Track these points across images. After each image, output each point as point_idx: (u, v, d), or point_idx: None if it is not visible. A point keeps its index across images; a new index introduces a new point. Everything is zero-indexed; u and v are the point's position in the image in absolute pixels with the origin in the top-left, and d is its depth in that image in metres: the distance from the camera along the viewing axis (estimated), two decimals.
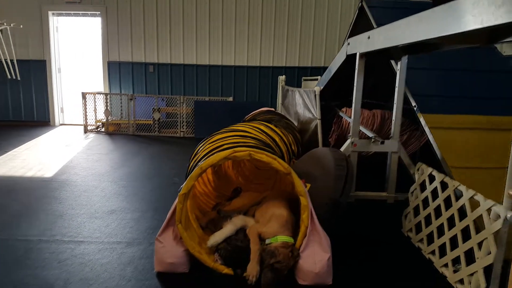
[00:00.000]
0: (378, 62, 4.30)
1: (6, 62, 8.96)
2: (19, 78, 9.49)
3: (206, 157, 3.25)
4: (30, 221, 3.85)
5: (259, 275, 2.74)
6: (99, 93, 9.76)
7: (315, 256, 2.82)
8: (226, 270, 2.89)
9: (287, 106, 7.18)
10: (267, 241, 2.93)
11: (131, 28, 10.13)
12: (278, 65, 10.27)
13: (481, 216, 2.64)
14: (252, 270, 2.74)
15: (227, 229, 3.10)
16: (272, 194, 3.55)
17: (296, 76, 10.21)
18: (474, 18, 1.91)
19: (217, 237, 3.03)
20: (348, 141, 3.96)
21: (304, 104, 5.77)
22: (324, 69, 9.13)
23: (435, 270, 3.09)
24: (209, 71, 10.30)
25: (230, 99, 9.88)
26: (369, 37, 3.44)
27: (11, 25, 9.11)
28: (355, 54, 3.85)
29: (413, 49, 3.29)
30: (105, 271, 2.93)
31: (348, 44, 4.11)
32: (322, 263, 2.79)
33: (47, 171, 5.74)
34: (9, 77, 9.12)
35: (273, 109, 6.09)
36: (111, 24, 10.12)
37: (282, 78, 8.42)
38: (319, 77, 7.25)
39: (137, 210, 4.23)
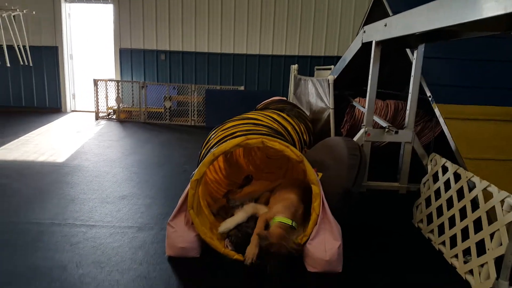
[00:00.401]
0: (394, 51, 4.25)
1: (19, 48, 8.99)
2: (31, 65, 9.54)
3: (218, 144, 3.25)
4: (42, 205, 3.89)
5: (256, 257, 2.73)
6: (111, 80, 9.79)
7: (326, 244, 2.82)
8: (237, 256, 2.89)
9: (299, 95, 7.14)
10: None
11: (143, 15, 10.12)
12: (290, 54, 10.22)
13: (493, 207, 2.62)
14: (248, 252, 2.75)
15: (238, 216, 3.11)
16: (286, 182, 3.54)
17: (309, 65, 10.15)
18: (497, 4, 1.87)
19: (228, 223, 3.04)
20: (362, 131, 3.94)
21: (316, 93, 5.73)
22: (337, 58, 9.06)
23: (445, 261, 3.07)
24: (221, 60, 10.28)
25: (242, 88, 9.85)
26: (385, 25, 3.39)
27: (24, 11, 9.12)
28: (371, 42, 3.81)
29: (430, 37, 3.25)
30: (116, 254, 2.96)
31: (364, 32, 4.06)
32: (332, 251, 2.78)
33: (59, 157, 5.78)
34: (21, 63, 9.16)
35: (285, 98, 6.06)
36: (123, 11, 10.12)
37: (294, 67, 8.37)
38: (332, 66, 7.21)
39: (148, 196, 4.25)
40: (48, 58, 10.26)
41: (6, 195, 4.10)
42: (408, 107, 3.90)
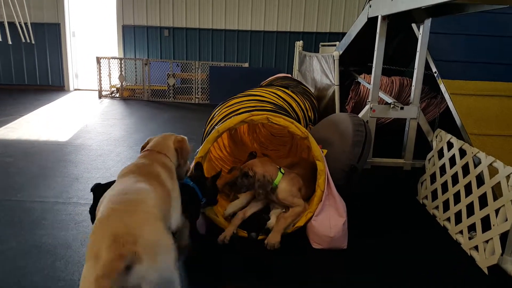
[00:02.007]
0: (400, 26, 4.18)
1: (20, 25, 8.90)
2: (33, 42, 9.46)
3: (223, 120, 3.23)
4: (46, 183, 3.90)
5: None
6: (114, 57, 9.72)
7: (331, 220, 2.82)
8: (241, 233, 2.91)
9: (304, 72, 7.08)
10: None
11: None
12: (295, 30, 10.09)
13: (499, 183, 2.60)
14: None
15: (243, 199, 3.14)
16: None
17: (314, 41, 10.04)
18: None
19: (233, 207, 3.08)
20: (367, 107, 3.90)
21: (321, 70, 5.67)
22: (343, 35, 8.92)
23: (450, 237, 3.07)
24: (225, 36, 10.17)
25: (246, 65, 9.78)
26: None
27: None
28: (377, 17, 3.73)
29: (437, 11, 3.18)
30: None
31: (370, 6, 3.99)
32: (337, 228, 2.79)
33: (62, 135, 5.78)
34: (23, 40, 9.08)
35: (289, 75, 6.01)
36: None
37: (299, 43, 8.27)
38: (337, 43, 7.10)
39: None
40: (50, 35, 10.19)
41: (10, 174, 4.11)
42: (413, 83, 3.85)
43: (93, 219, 2.31)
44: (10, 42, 8.74)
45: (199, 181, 2.72)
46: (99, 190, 2.34)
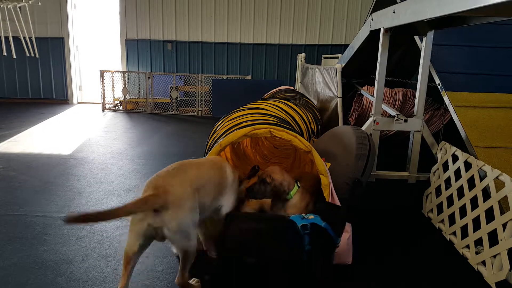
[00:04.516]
0: (402, 38, 4.18)
1: (25, 40, 8.96)
2: (37, 56, 9.51)
3: (225, 134, 3.21)
4: (48, 197, 3.88)
5: None
6: (117, 71, 9.76)
7: None
8: None
9: (307, 84, 7.08)
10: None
11: (149, 5, 10.05)
12: (297, 42, 10.12)
13: (506, 196, 2.57)
14: None
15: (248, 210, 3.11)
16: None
17: (316, 54, 10.05)
18: None
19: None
20: (370, 119, 3.88)
21: (324, 82, 5.67)
22: (345, 47, 8.96)
23: (456, 252, 3.03)
24: (227, 49, 10.20)
25: (248, 77, 9.79)
26: (394, 11, 3.32)
27: (30, 2, 9.07)
28: (379, 30, 3.73)
29: (440, 24, 3.17)
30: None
31: (372, 19, 3.99)
32: (342, 243, 2.74)
33: (65, 149, 5.78)
34: (27, 54, 9.13)
35: (292, 87, 6.00)
36: (129, 1, 10.06)
37: (301, 56, 8.29)
38: (339, 55, 7.12)
39: None
40: (54, 50, 10.26)
41: (12, 188, 4.10)
42: (417, 95, 3.84)
43: None
44: (14, 57, 8.78)
45: (329, 217, 2.42)
46: None
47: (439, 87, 3.85)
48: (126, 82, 9.64)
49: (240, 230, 2.29)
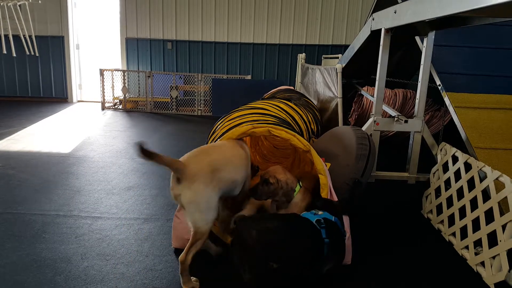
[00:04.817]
0: (403, 38, 4.17)
1: (25, 38, 8.95)
2: (37, 55, 9.50)
3: (225, 134, 3.20)
4: (47, 196, 3.87)
5: None
6: (117, 70, 9.75)
7: None
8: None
9: (307, 84, 7.07)
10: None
11: (150, 4, 10.05)
12: (298, 42, 10.11)
13: (506, 198, 2.56)
14: None
15: (247, 210, 3.09)
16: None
17: (316, 54, 10.05)
18: None
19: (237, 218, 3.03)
20: (371, 120, 3.87)
21: (324, 82, 5.66)
22: (345, 47, 8.96)
23: (455, 252, 3.02)
24: (227, 49, 10.20)
25: (248, 77, 9.78)
26: (395, 12, 3.32)
27: (30, 0, 9.08)
28: (380, 30, 3.73)
29: (441, 24, 3.17)
30: (122, 246, 2.94)
31: (373, 19, 3.98)
32: None
33: (65, 147, 5.77)
34: (27, 53, 9.12)
35: (292, 87, 5.99)
36: (129, 0, 10.05)
37: (301, 56, 8.28)
38: (340, 55, 7.12)
39: (154, 187, 4.22)
40: (54, 48, 10.24)
41: (11, 186, 4.09)
42: (417, 96, 3.83)
43: None
44: (14, 55, 8.77)
45: (335, 211, 2.56)
46: None
47: (439, 88, 3.85)
48: (126, 81, 9.63)
49: (261, 231, 2.20)
